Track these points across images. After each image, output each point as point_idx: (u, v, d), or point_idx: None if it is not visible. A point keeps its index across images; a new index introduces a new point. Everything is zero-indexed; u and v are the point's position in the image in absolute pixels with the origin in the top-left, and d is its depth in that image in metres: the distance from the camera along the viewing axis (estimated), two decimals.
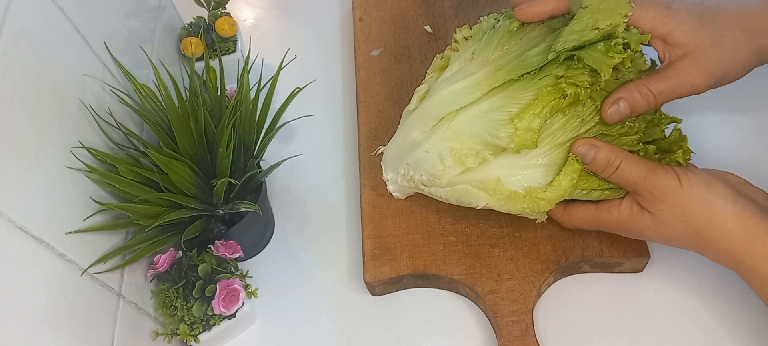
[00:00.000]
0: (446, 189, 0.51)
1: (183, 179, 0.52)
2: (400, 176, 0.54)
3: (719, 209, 0.45)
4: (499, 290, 0.54)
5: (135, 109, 0.57)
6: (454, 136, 0.49)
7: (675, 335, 0.52)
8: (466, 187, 0.50)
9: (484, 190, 0.49)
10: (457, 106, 0.49)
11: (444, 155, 0.50)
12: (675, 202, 0.45)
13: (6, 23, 0.42)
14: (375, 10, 0.75)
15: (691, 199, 0.45)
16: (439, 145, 0.50)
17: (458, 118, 0.49)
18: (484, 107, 0.48)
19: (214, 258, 0.55)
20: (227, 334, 0.57)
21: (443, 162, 0.50)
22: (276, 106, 0.59)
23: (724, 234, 0.45)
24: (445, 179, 0.50)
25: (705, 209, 0.45)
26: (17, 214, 0.40)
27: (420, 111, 0.52)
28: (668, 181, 0.46)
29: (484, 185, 0.49)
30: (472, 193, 0.50)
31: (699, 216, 0.45)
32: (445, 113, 0.50)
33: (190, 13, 0.74)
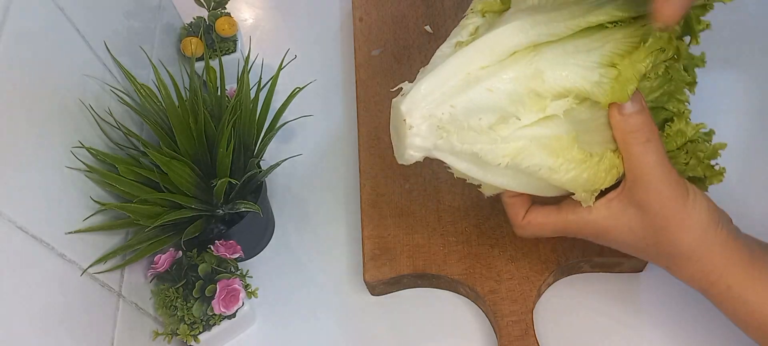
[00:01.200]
0: (502, 145, 0.40)
1: (183, 179, 0.52)
2: (435, 123, 0.40)
3: (710, 234, 0.42)
4: (499, 290, 0.54)
5: (135, 109, 0.57)
6: (536, 75, 0.40)
7: (675, 335, 0.52)
8: (527, 144, 0.40)
9: (550, 150, 0.41)
10: (539, 39, 0.40)
11: (519, 96, 0.40)
12: (675, 212, 0.42)
13: (6, 23, 0.42)
14: (375, 10, 0.75)
15: (690, 217, 0.42)
16: (512, 85, 0.40)
17: (543, 53, 0.40)
18: (574, 47, 0.40)
19: (214, 258, 0.55)
20: (227, 334, 0.57)
21: (516, 105, 0.40)
22: (276, 106, 0.59)
23: (706, 255, 0.42)
24: (508, 129, 0.40)
25: (698, 230, 0.42)
26: (17, 214, 0.40)
27: (482, 42, 0.41)
28: (679, 189, 0.42)
29: (556, 142, 0.41)
30: (533, 154, 0.41)
31: (689, 234, 0.42)
32: (520, 47, 0.40)
33: (190, 13, 0.74)
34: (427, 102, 0.40)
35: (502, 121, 0.40)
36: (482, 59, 0.40)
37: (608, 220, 0.44)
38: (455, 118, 0.40)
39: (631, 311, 0.54)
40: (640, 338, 0.53)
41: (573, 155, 0.41)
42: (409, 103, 0.40)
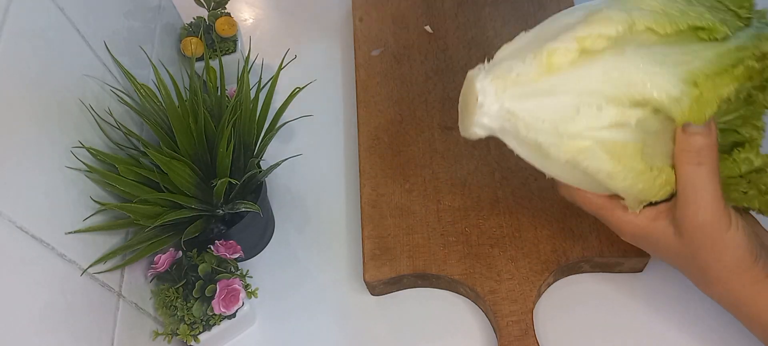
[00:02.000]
0: (568, 142, 0.39)
1: (183, 179, 0.52)
2: (506, 106, 0.39)
3: (744, 268, 0.42)
4: (499, 290, 0.54)
5: (135, 109, 0.57)
6: (620, 79, 0.38)
7: (675, 335, 0.52)
8: (592, 146, 0.39)
9: (613, 156, 0.39)
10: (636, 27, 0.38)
11: (597, 97, 0.39)
12: (710, 241, 0.41)
13: (6, 23, 0.42)
14: (375, 10, 0.75)
15: (726, 249, 0.42)
16: (594, 84, 0.38)
17: (630, 56, 0.39)
18: (662, 56, 0.39)
19: (214, 258, 0.55)
20: (227, 334, 0.57)
21: (590, 105, 0.38)
22: (276, 106, 0.59)
23: (736, 287, 0.43)
24: (577, 126, 0.39)
25: (731, 263, 0.42)
26: (17, 214, 0.40)
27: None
28: (722, 219, 0.41)
29: (621, 149, 0.39)
30: (596, 156, 0.39)
31: (720, 264, 0.42)
32: (613, 34, 0.38)
33: (190, 13, 0.74)
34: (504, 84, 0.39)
35: (572, 117, 0.38)
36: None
37: (648, 229, 0.44)
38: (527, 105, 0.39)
39: (631, 311, 0.54)
40: (640, 338, 0.53)
41: (634, 165, 0.40)
42: (484, 81, 0.39)
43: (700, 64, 0.39)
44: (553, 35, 0.39)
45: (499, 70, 0.39)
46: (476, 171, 0.61)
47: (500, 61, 0.40)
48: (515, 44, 0.41)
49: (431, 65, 0.69)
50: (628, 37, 0.38)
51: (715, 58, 0.39)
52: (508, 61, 0.39)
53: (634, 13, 0.39)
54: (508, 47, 0.42)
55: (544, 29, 0.41)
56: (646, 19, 0.38)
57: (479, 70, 0.40)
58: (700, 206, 0.41)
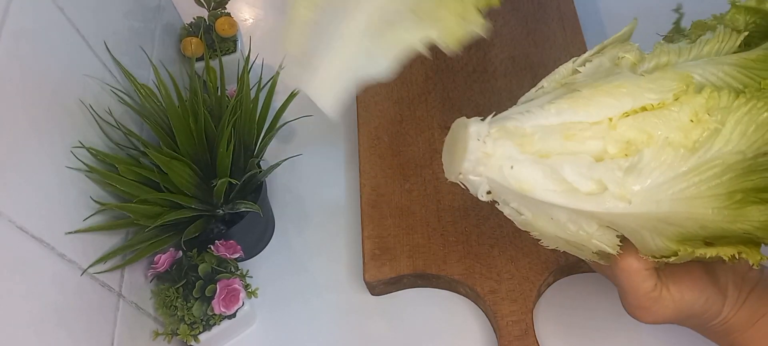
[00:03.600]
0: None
1: (183, 179, 0.52)
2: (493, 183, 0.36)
3: (711, 315, 0.41)
4: (499, 290, 0.54)
5: (135, 109, 0.57)
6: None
7: (675, 336, 0.52)
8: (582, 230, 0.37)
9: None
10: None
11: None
12: (664, 313, 0.40)
13: (6, 23, 0.42)
14: None
15: (681, 306, 0.40)
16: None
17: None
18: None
19: (214, 258, 0.55)
20: (227, 334, 0.57)
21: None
22: (276, 106, 0.59)
23: (727, 333, 0.42)
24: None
25: (694, 313, 0.41)
26: (17, 214, 0.40)
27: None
28: (713, 305, 0.40)
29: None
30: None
31: (692, 319, 0.42)
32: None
33: (190, 13, 0.74)
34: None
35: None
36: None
37: (647, 297, 0.41)
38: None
39: None
40: (640, 338, 0.53)
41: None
42: (497, 123, 0.36)
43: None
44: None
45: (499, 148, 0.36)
46: None
47: (500, 140, 0.36)
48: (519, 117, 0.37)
49: (431, 65, 0.69)
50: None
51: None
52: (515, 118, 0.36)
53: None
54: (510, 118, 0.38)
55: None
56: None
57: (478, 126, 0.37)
58: (630, 298, 0.41)
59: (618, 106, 0.35)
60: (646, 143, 0.35)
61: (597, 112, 0.35)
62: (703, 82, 0.36)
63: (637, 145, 0.34)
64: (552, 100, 0.36)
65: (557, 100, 0.36)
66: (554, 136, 0.35)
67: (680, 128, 0.35)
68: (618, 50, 0.39)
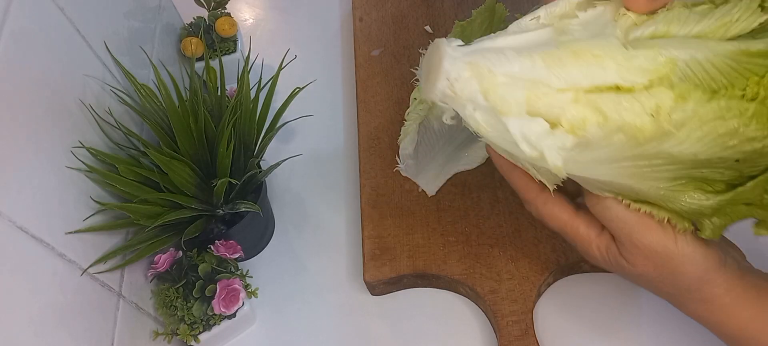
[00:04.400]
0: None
1: (183, 179, 0.52)
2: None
3: (711, 274, 0.40)
4: (499, 290, 0.54)
5: (135, 109, 0.57)
6: None
7: (675, 335, 0.52)
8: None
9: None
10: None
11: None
12: (663, 262, 0.40)
13: (6, 23, 0.42)
14: (375, 10, 0.75)
15: (683, 263, 0.40)
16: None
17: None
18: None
19: (214, 258, 0.55)
20: (227, 334, 0.57)
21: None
22: (276, 106, 0.59)
23: (709, 296, 0.41)
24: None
25: (696, 272, 0.40)
26: (17, 214, 0.40)
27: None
28: (661, 239, 0.39)
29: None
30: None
31: (685, 278, 0.40)
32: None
33: (190, 13, 0.74)
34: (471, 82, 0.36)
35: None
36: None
37: (608, 255, 0.43)
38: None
39: (631, 311, 0.54)
40: (640, 338, 0.53)
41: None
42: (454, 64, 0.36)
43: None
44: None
45: (481, 63, 0.36)
46: (476, 171, 0.61)
47: (484, 57, 0.36)
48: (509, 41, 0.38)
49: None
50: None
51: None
52: (490, 59, 0.36)
53: None
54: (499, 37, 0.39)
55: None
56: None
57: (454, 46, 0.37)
58: (634, 236, 0.40)
59: (590, 76, 0.35)
60: (600, 124, 0.35)
61: (567, 78, 0.35)
62: (686, 71, 0.35)
63: (590, 125, 0.35)
64: (532, 52, 0.36)
65: (536, 52, 0.36)
66: (519, 89, 0.35)
67: (637, 118, 0.35)
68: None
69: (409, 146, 0.58)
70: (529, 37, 0.38)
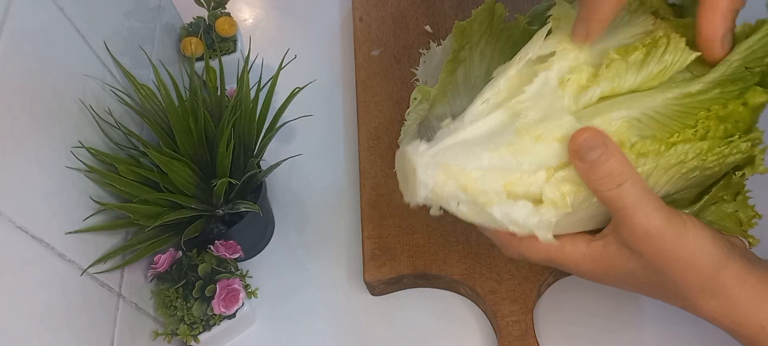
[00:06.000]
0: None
1: (183, 179, 0.52)
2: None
3: (721, 269, 0.37)
4: (499, 290, 0.54)
5: (135, 109, 0.57)
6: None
7: (675, 336, 0.52)
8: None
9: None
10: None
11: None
12: (675, 251, 0.37)
13: (6, 23, 0.42)
14: (375, 10, 0.75)
15: (693, 255, 0.37)
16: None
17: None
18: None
19: (214, 258, 0.55)
20: (227, 334, 0.57)
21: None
22: (276, 106, 0.59)
23: (722, 293, 0.38)
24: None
25: (706, 267, 0.37)
26: (17, 214, 0.40)
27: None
28: (673, 225, 0.36)
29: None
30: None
31: (695, 274, 0.37)
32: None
33: (190, 13, 0.74)
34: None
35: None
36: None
37: (604, 258, 0.40)
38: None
39: (631, 311, 0.54)
40: (640, 338, 0.53)
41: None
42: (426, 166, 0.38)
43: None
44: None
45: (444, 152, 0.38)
46: None
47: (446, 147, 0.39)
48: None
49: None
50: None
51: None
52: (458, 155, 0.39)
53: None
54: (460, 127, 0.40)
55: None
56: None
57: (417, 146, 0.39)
58: (642, 223, 0.36)
59: (556, 156, 0.38)
60: (577, 194, 0.38)
61: (536, 162, 0.38)
62: (640, 127, 0.38)
63: (569, 197, 0.38)
64: (495, 142, 0.38)
65: (500, 143, 0.38)
66: (495, 180, 0.38)
67: None
68: (564, 60, 0.40)
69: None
70: (487, 125, 0.40)
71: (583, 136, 0.36)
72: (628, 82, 0.39)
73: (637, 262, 0.38)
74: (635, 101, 0.38)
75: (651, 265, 0.38)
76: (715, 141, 0.38)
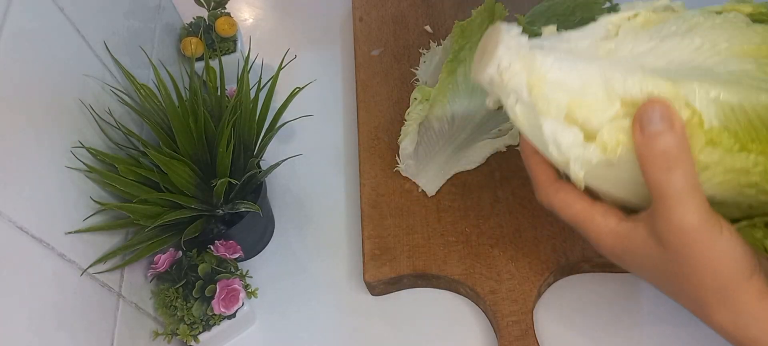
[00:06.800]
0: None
1: (183, 179, 0.52)
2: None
3: (742, 282, 0.36)
4: (499, 290, 0.54)
5: (135, 109, 0.57)
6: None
7: (675, 335, 0.52)
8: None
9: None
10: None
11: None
12: (703, 250, 0.35)
13: (6, 23, 0.42)
14: (375, 10, 0.75)
15: (718, 259, 0.35)
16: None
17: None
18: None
19: (214, 258, 0.55)
20: (227, 334, 0.57)
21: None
22: (276, 106, 0.59)
23: (738, 306, 0.36)
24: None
25: (726, 275, 0.36)
26: (17, 214, 0.40)
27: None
28: (708, 226, 0.35)
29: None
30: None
31: (714, 279, 0.36)
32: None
33: (190, 13, 0.74)
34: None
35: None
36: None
37: (628, 239, 0.39)
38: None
39: (631, 311, 0.54)
40: (640, 338, 0.53)
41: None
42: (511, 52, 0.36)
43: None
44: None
45: (541, 61, 0.36)
46: (476, 171, 0.61)
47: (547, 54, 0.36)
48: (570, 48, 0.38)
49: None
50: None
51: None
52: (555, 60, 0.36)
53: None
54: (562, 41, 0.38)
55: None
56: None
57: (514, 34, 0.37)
58: (679, 215, 0.35)
59: (628, 104, 0.35)
60: (630, 149, 0.35)
61: (608, 99, 0.35)
62: (727, 113, 0.35)
63: (621, 147, 0.35)
64: (582, 65, 0.36)
65: (585, 67, 0.35)
66: (564, 93, 0.35)
67: None
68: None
69: (409, 146, 0.58)
70: (588, 46, 0.37)
71: (654, 105, 0.34)
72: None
73: (661, 253, 0.37)
74: (739, 90, 0.35)
75: (675, 258, 0.37)
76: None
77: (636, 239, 0.38)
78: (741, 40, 0.36)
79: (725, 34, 0.36)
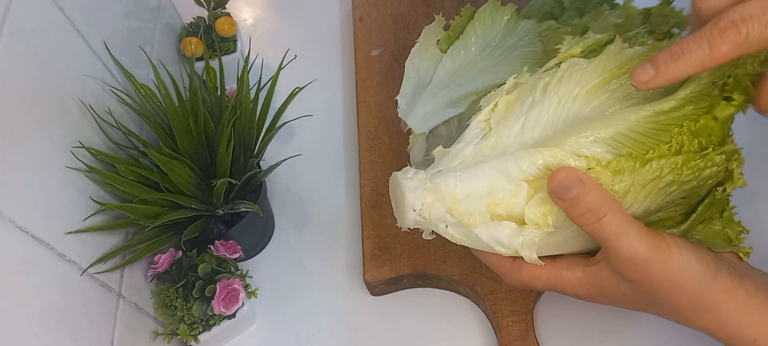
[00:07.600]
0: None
1: (183, 179, 0.52)
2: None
3: (709, 284, 0.39)
4: (499, 290, 0.54)
5: (135, 109, 0.57)
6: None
7: (675, 336, 0.52)
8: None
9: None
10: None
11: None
12: (661, 273, 0.38)
13: (6, 23, 0.42)
14: (375, 10, 0.75)
15: (678, 275, 0.38)
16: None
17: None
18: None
19: (214, 258, 0.55)
20: (227, 334, 0.57)
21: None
22: (276, 106, 0.59)
23: (714, 308, 0.39)
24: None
25: (692, 285, 0.38)
26: (17, 214, 0.40)
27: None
28: (657, 249, 0.38)
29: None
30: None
31: (683, 293, 0.39)
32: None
33: (190, 13, 0.74)
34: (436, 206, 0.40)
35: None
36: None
37: (599, 282, 0.41)
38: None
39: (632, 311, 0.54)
40: (640, 338, 0.53)
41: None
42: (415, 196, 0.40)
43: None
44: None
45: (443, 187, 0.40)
46: None
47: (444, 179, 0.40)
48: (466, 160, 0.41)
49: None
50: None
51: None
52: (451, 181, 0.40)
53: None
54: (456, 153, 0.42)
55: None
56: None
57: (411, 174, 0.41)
58: (626, 251, 0.38)
59: (533, 168, 0.39)
60: (558, 212, 0.39)
61: (517, 179, 0.39)
62: (615, 145, 0.39)
63: (550, 216, 0.40)
64: (480, 170, 0.40)
65: (482, 168, 0.40)
66: (479, 201, 0.39)
67: None
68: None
69: (420, 154, 0.58)
70: (474, 150, 0.41)
71: (560, 176, 0.37)
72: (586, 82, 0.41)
73: (628, 286, 0.40)
74: (610, 121, 0.39)
75: (641, 286, 0.39)
76: (690, 155, 0.39)
77: (603, 279, 0.41)
78: (587, 79, 0.41)
79: (573, 81, 0.41)
